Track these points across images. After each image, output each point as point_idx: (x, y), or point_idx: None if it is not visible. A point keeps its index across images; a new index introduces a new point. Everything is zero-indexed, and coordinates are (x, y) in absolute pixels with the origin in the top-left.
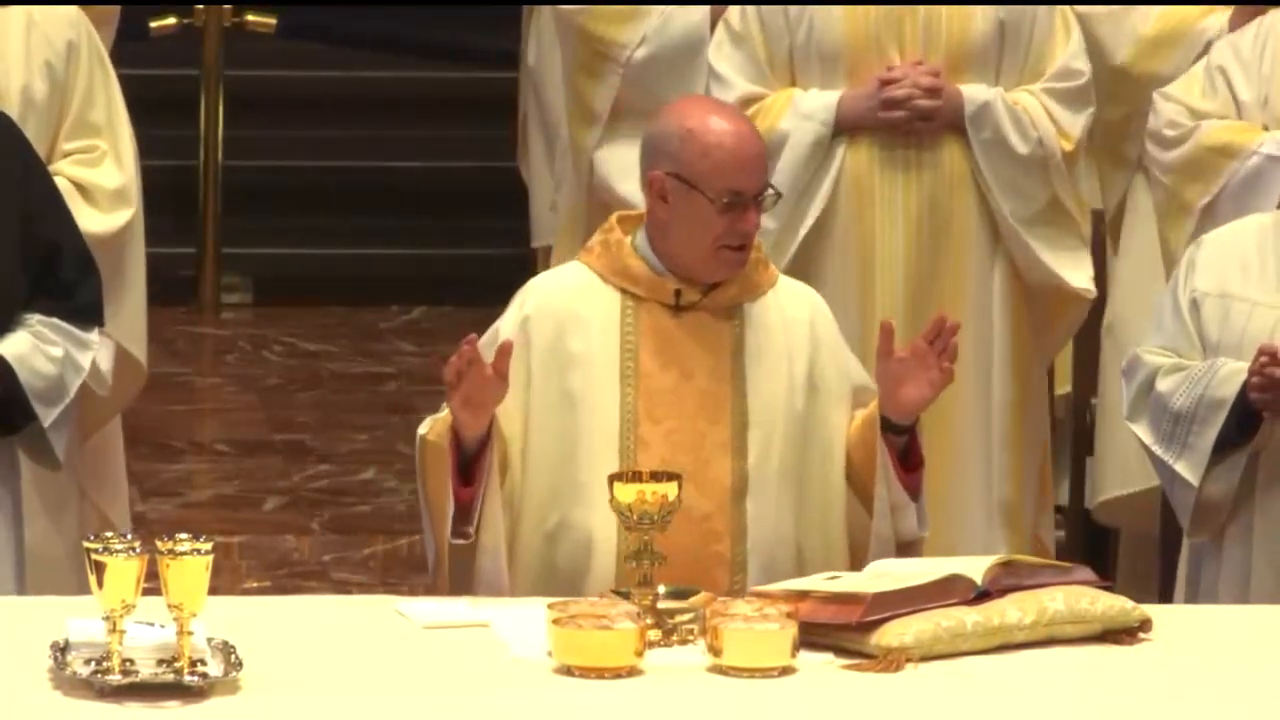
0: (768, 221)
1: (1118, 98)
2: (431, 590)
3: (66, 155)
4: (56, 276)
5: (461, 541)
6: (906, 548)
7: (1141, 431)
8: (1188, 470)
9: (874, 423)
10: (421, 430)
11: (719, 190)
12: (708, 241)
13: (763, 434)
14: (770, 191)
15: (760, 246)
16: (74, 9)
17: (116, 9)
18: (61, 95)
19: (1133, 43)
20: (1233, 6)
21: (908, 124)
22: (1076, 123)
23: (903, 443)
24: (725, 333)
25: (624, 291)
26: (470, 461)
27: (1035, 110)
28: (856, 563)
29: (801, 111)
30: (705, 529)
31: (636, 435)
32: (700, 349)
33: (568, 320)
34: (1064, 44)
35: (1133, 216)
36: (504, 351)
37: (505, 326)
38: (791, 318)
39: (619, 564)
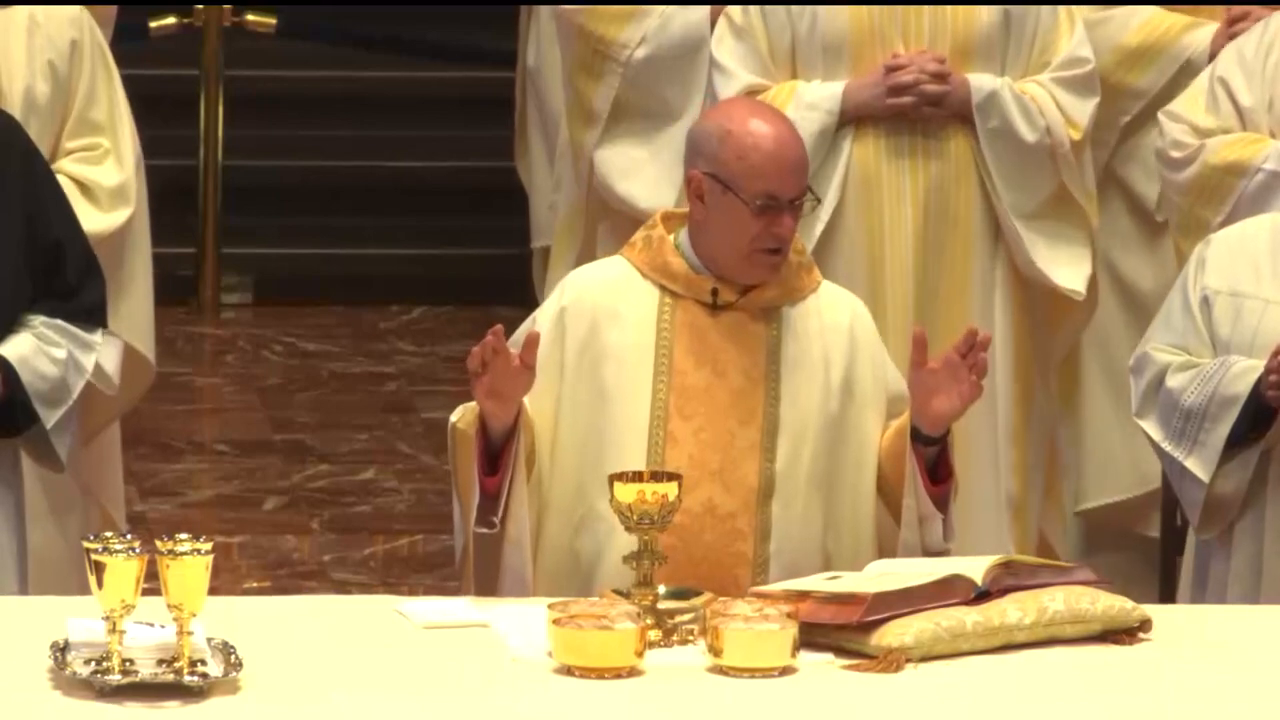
0: None
1: None
2: (457, 579)
3: (69, 153)
4: (61, 278)
5: (486, 530)
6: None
7: (1150, 428)
8: (1198, 467)
9: (905, 433)
10: (453, 418)
11: (754, 193)
12: (743, 243)
13: (793, 438)
14: (809, 196)
15: (805, 250)
16: (77, 7)
17: (114, 9)
18: (65, 94)
19: (1111, 51)
20: (1215, 26)
21: (915, 110)
22: (1084, 111)
23: (933, 454)
24: (761, 334)
25: (662, 288)
26: (498, 451)
27: (1043, 99)
28: None
29: (806, 101)
30: (730, 528)
31: (666, 431)
32: (735, 349)
33: (604, 314)
34: (1068, 35)
35: (1105, 220)
36: (531, 343)
37: (542, 316)
38: (831, 323)
39: None
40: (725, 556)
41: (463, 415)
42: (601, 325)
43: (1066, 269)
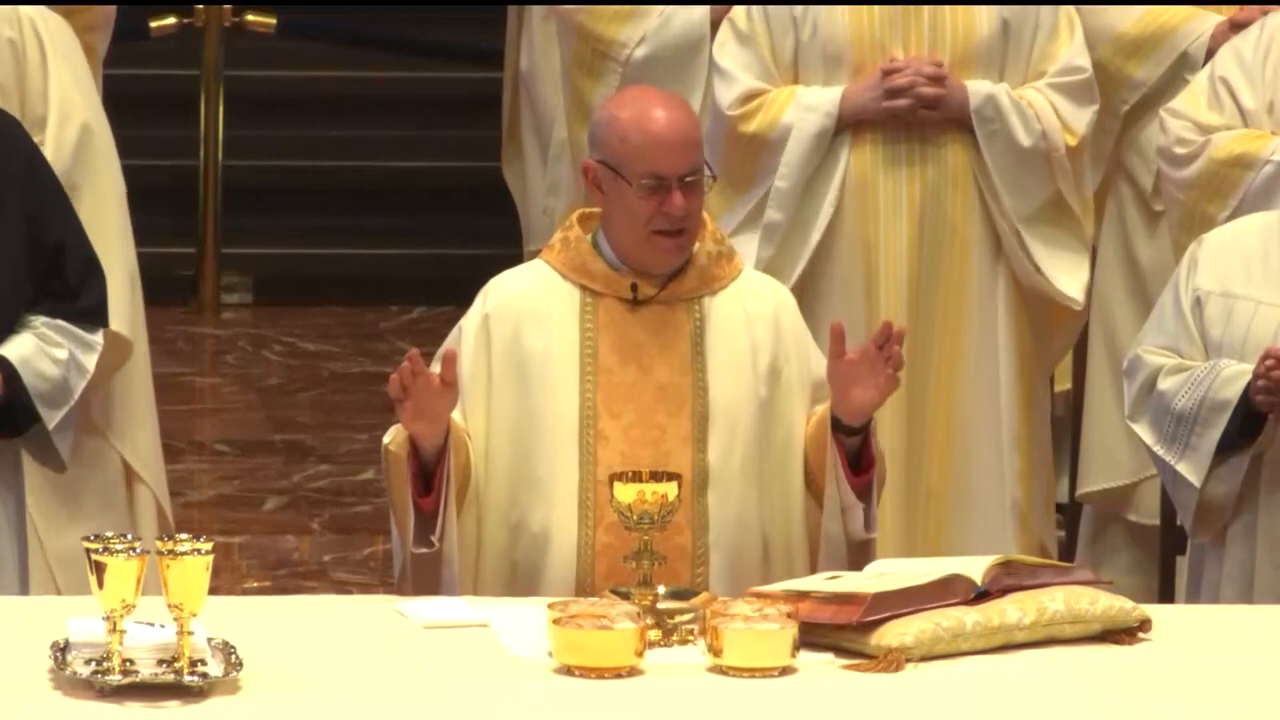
0: (772, 213)
1: None
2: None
3: None
4: (62, 279)
5: (426, 550)
6: (857, 548)
7: (1143, 432)
8: (1190, 471)
9: (826, 422)
10: (385, 439)
11: (638, 173)
12: (639, 227)
13: (725, 427)
14: (707, 173)
15: (724, 239)
16: (9, 6)
17: (113, 10)
18: (16, 100)
19: (1110, 40)
20: (1216, 22)
21: (911, 113)
22: (1081, 118)
23: (855, 444)
24: (684, 326)
25: (583, 288)
26: (431, 471)
27: (1040, 104)
28: (814, 557)
29: (805, 104)
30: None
31: (596, 430)
32: (659, 343)
33: (527, 317)
34: (1067, 43)
35: (1112, 207)
36: (449, 361)
37: (467, 325)
38: (755, 311)
39: (579, 561)
40: (664, 551)
41: (394, 437)
42: (524, 329)
43: (1066, 277)
